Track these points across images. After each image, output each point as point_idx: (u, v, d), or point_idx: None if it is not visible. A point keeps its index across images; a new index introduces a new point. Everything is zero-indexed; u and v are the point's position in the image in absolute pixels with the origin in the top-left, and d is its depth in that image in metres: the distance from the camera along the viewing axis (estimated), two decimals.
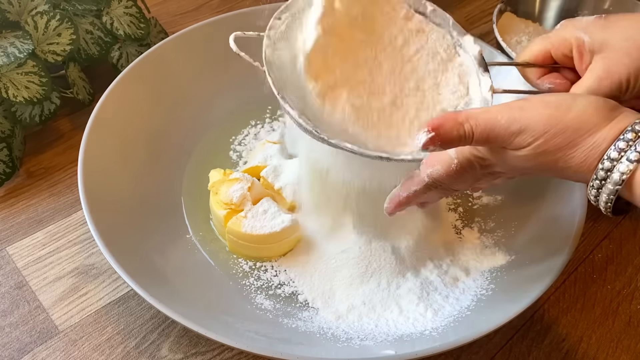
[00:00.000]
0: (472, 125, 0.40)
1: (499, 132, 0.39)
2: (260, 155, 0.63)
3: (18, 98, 0.62)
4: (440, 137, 0.40)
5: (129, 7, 0.71)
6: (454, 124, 0.40)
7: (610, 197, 0.38)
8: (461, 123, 0.40)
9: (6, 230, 0.60)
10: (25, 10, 0.64)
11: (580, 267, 0.60)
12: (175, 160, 0.64)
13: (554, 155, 0.38)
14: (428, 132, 0.40)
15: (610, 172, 0.37)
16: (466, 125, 0.40)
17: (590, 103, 0.39)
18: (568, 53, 0.48)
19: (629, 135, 0.36)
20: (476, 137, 0.40)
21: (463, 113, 0.40)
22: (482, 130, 0.39)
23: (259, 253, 0.57)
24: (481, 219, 0.60)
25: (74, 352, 0.52)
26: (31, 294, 0.56)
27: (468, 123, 0.40)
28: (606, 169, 0.37)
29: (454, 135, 0.40)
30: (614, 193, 0.37)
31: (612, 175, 0.37)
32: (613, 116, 0.38)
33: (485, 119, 0.40)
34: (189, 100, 0.67)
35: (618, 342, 0.55)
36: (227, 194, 0.56)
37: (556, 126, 0.38)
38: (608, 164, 0.37)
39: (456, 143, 0.40)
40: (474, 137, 0.40)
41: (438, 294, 0.53)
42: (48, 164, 0.66)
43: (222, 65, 0.69)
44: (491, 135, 0.39)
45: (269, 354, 0.45)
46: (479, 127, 0.39)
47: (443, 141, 0.40)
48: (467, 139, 0.40)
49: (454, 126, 0.40)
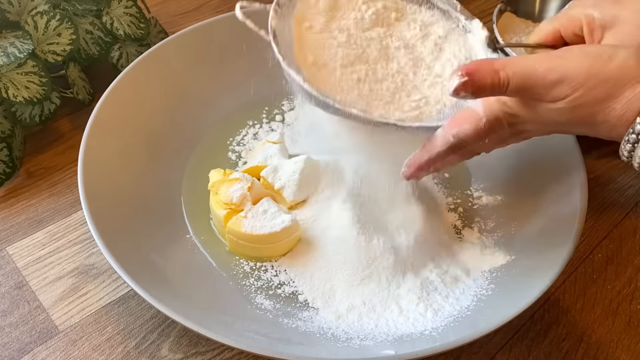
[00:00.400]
0: (509, 74, 0.38)
1: (536, 81, 0.37)
2: (260, 155, 0.62)
3: (18, 98, 0.62)
4: (474, 82, 0.38)
5: (129, 7, 0.71)
6: (489, 70, 0.38)
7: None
8: (496, 70, 0.38)
9: (6, 230, 0.60)
10: (25, 10, 0.64)
11: (580, 267, 0.60)
12: (175, 160, 0.64)
13: (592, 108, 0.37)
14: (461, 76, 0.38)
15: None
16: (502, 73, 0.38)
17: (631, 54, 0.37)
18: (578, 32, 0.46)
19: None
20: (511, 87, 0.38)
21: (499, 60, 0.38)
22: (519, 79, 0.37)
23: (259, 253, 0.57)
24: (481, 219, 0.60)
25: (74, 352, 0.52)
26: (31, 294, 0.56)
27: (504, 71, 0.38)
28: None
29: (488, 82, 0.38)
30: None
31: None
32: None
33: (522, 66, 0.38)
34: (189, 100, 0.67)
35: (618, 342, 0.55)
36: (227, 194, 0.56)
37: (597, 76, 0.36)
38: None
39: (489, 91, 0.38)
40: (509, 86, 0.38)
41: (438, 294, 0.53)
42: (48, 164, 0.66)
43: (222, 65, 0.69)
44: (527, 84, 0.37)
45: (269, 354, 0.45)
46: (516, 75, 0.38)
47: (475, 87, 0.38)
48: (502, 87, 0.38)
49: (488, 72, 0.38)
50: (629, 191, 0.66)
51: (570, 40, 0.48)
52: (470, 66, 0.38)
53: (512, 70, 0.38)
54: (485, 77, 0.38)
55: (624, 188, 0.66)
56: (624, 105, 0.36)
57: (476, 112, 0.42)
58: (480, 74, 0.38)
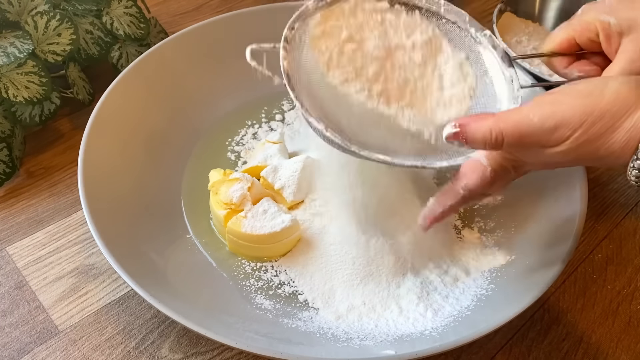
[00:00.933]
0: (503, 130, 0.38)
1: (533, 131, 0.38)
2: (260, 155, 0.62)
3: (18, 98, 0.62)
4: (465, 135, 0.39)
5: (129, 7, 0.71)
6: (480, 126, 0.39)
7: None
8: (489, 128, 0.39)
9: (6, 230, 0.60)
10: (25, 10, 0.64)
11: (580, 267, 0.60)
12: (175, 160, 0.64)
13: (595, 144, 0.37)
14: (454, 126, 0.39)
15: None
16: (493, 131, 0.38)
17: (622, 84, 0.37)
18: (594, 38, 0.46)
19: None
20: (507, 142, 0.39)
21: (491, 116, 0.39)
22: (513, 133, 0.38)
23: (259, 253, 0.57)
24: (481, 219, 0.60)
25: (74, 352, 0.52)
26: (31, 294, 0.56)
27: (497, 126, 0.38)
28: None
29: (478, 137, 0.39)
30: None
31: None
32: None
33: (516, 120, 0.38)
34: (189, 100, 0.67)
35: (618, 342, 0.55)
36: (227, 194, 0.56)
37: (593, 114, 0.36)
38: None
39: (481, 146, 0.39)
40: (504, 142, 0.39)
41: (438, 294, 0.53)
42: (48, 164, 0.66)
43: (222, 65, 0.69)
44: (525, 136, 0.38)
45: (269, 354, 0.45)
46: (509, 130, 0.38)
47: (467, 140, 0.39)
48: (496, 144, 0.39)
49: (478, 129, 0.39)
50: (629, 191, 0.66)
51: (586, 47, 0.48)
52: (464, 119, 0.40)
53: (505, 125, 0.38)
54: (476, 133, 0.39)
55: (624, 188, 0.66)
56: (625, 135, 0.36)
57: (480, 162, 0.43)
58: (471, 129, 0.39)
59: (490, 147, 0.40)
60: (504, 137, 0.39)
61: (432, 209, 0.47)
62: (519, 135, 0.38)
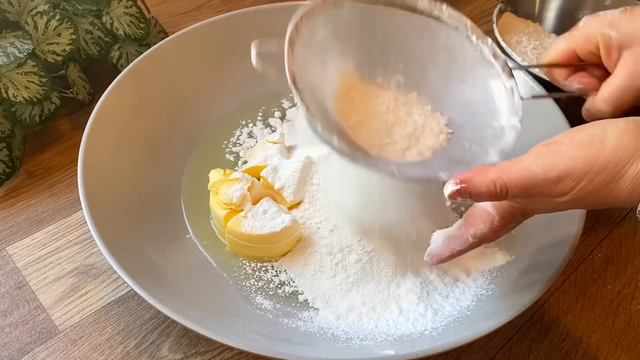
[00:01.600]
0: (506, 182, 0.38)
1: (537, 182, 0.38)
2: (261, 155, 0.62)
3: (18, 98, 0.62)
4: (469, 191, 0.39)
5: (129, 7, 0.71)
6: (483, 180, 0.39)
7: None
8: (492, 180, 0.39)
9: (6, 230, 0.60)
10: (25, 10, 0.64)
11: (580, 267, 0.60)
12: (175, 160, 0.64)
13: (601, 192, 0.37)
14: (455, 183, 0.39)
15: None
16: (497, 183, 0.38)
17: (622, 130, 0.37)
18: (594, 50, 0.47)
19: None
20: (512, 193, 0.39)
21: (492, 168, 0.39)
22: (517, 184, 0.38)
23: (259, 253, 0.57)
24: None
25: (74, 352, 0.52)
26: (31, 294, 0.56)
27: (500, 179, 0.38)
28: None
29: (483, 191, 0.39)
30: None
31: None
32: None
33: (518, 171, 0.38)
34: (189, 100, 0.67)
35: (618, 342, 0.55)
36: (227, 194, 0.56)
37: (596, 164, 0.37)
38: None
39: (486, 198, 0.39)
40: (508, 193, 0.39)
41: (438, 294, 0.54)
42: (48, 164, 0.66)
43: (222, 65, 0.69)
44: (529, 187, 0.38)
45: (269, 354, 0.45)
46: (513, 182, 0.38)
47: (472, 195, 0.39)
48: (501, 195, 0.39)
49: (483, 182, 0.39)
50: None
51: (586, 59, 0.48)
52: (464, 174, 0.39)
53: (509, 178, 0.38)
54: (480, 186, 0.39)
55: None
56: (630, 183, 0.37)
57: (488, 211, 0.43)
58: (475, 184, 0.39)
59: (495, 199, 0.40)
60: (508, 189, 0.38)
61: (439, 251, 0.47)
62: (523, 187, 0.38)
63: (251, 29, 0.69)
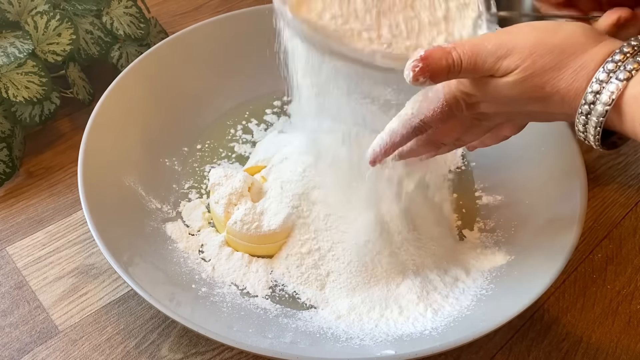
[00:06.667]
0: (460, 53, 0.39)
1: (486, 57, 0.39)
2: (261, 153, 0.63)
3: (18, 98, 0.62)
4: (430, 67, 0.39)
5: (129, 7, 0.71)
6: (442, 53, 0.39)
7: (599, 119, 0.37)
8: (449, 51, 0.39)
9: (6, 230, 0.60)
10: (25, 10, 0.64)
11: (580, 267, 0.60)
12: (174, 159, 0.64)
13: (542, 78, 0.38)
14: (417, 61, 0.39)
15: (599, 94, 0.36)
16: (454, 53, 0.39)
17: (578, 26, 0.38)
18: None
19: (617, 57, 0.36)
20: (464, 66, 0.39)
21: (450, 44, 0.40)
22: (469, 57, 0.39)
23: (258, 252, 0.57)
24: (481, 219, 0.60)
25: (74, 352, 0.52)
26: (31, 294, 0.56)
27: (455, 51, 0.39)
28: (595, 91, 0.36)
29: (443, 65, 0.39)
30: (603, 115, 0.36)
31: (600, 96, 0.36)
32: (601, 39, 0.38)
33: (472, 44, 0.39)
34: (189, 99, 0.67)
35: (618, 342, 0.55)
36: (227, 194, 0.56)
37: (544, 47, 0.37)
38: (597, 86, 0.36)
39: (445, 74, 0.39)
40: (462, 66, 0.39)
41: (438, 294, 0.53)
42: (48, 164, 0.66)
43: (222, 65, 0.69)
44: (479, 61, 0.39)
45: (269, 354, 0.45)
46: (466, 54, 0.39)
47: (432, 72, 0.39)
48: (456, 67, 0.39)
49: (442, 55, 0.39)
50: (629, 191, 0.66)
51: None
52: (424, 52, 0.39)
53: (462, 49, 0.39)
54: (440, 59, 0.39)
55: (624, 188, 0.66)
56: (572, 74, 0.37)
57: (435, 92, 0.43)
58: (434, 58, 0.39)
59: (452, 75, 0.40)
60: (461, 60, 0.39)
61: (380, 136, 0.46)
62: (474, 59, 0.39)
63: (251, 29, 0.69)
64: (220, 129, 0.68)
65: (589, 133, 0.38)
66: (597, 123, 0.37)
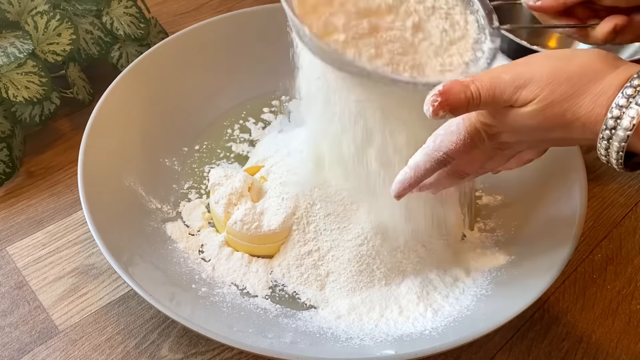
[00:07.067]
0: (478, 86, 0.39)
1: (504, 88, 0.39)
2: (261, 153, 0.63)
3: (18, 98, 0.62)
4: (449, 101, 0.39)
5: (129, 7, 0.71)
6: (460, 86, 0.39)
7: (621, 144, 0.37)
8: (467, 85, 0.39)
9: (6, 230, 0.60)
10: (25, 10, 0.64)
11: (580, 267, 0.60)
12: (174, 159, 0.64)
13: (561, 107, 0.38)
14: (437, 96, 0.39)
15: (620, 119, 0.36)
16: (472, 87, 0.39)
17: (593, 53, 0.39)
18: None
19: (636, 82, 0.36)
20: (483, 98, 0.39)
21: (467, 77, 0.40)
22: (488, 89, 0.39)
23: (258, 252, 0.57)
24: (481, 219, 0.60)
25: (74, 352, 0.52)
26: (31, 294, 0.56)
27: (474, 84, 0.39)
28: (615, 116, 0.36)
29: (462, 98, 0.39)
30: (625, 140, 0.36)
31: (621, 122, 0.36)
32: (617, 64, 0.38)
33: (489, 76, 0.39)
34: (189, 99, 0.67)
35: (618, 342, 0.55)
36: (227, 194, 0.56)
37: (561, 75, 0.38)
38: (617, 111, 0.36)
39: (465, 107, 0.40)
40: (481, 99, 0.39)
41: (438, 294, 0.53)
42: (48, 164, 0.66)
43: (222, 65, 0.69)
44: (497, 92, 0.39)
45: (269, 354, 0.45)
46: (484, 87, 0.39)
47: (452, 105, 0.39)
48: (475, 100, 0.39)
49: (461, 89, 0.39)
50: (629, 191, 0.66)
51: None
52: (442, 87, 0.40)
53: (481, 82, 0.39)
54: (459, 93, 0.39)
55: (624, 188, 0.66)
56: (592, 100, 0.37)
57: (456, 125, 0.43)
58: (453, 92, 0.39)
59: (471, 108, 0.40)
60: (480, 93, 0.39)
61: (405, 170, 0.46)
62: (492, 92, 0.39)
63: (251, 29, 0.69)
64: (220, 128, 0.68)
65: (612, 157, 0.38)
66: (620, 148, 0.37)
